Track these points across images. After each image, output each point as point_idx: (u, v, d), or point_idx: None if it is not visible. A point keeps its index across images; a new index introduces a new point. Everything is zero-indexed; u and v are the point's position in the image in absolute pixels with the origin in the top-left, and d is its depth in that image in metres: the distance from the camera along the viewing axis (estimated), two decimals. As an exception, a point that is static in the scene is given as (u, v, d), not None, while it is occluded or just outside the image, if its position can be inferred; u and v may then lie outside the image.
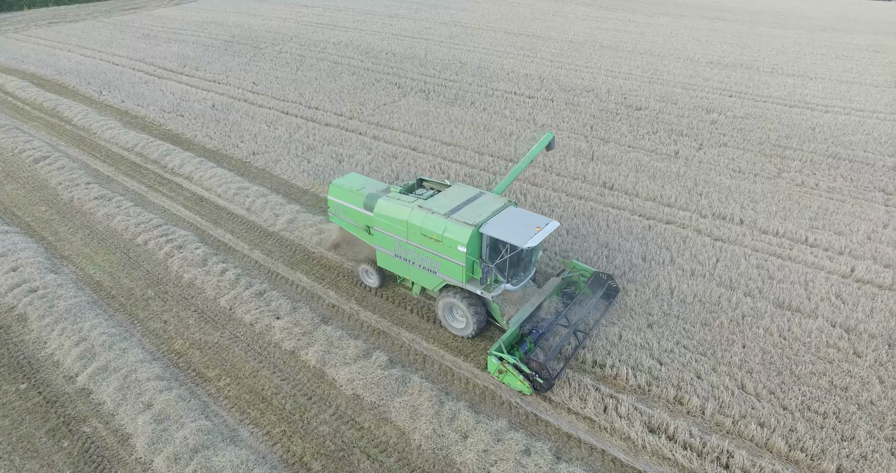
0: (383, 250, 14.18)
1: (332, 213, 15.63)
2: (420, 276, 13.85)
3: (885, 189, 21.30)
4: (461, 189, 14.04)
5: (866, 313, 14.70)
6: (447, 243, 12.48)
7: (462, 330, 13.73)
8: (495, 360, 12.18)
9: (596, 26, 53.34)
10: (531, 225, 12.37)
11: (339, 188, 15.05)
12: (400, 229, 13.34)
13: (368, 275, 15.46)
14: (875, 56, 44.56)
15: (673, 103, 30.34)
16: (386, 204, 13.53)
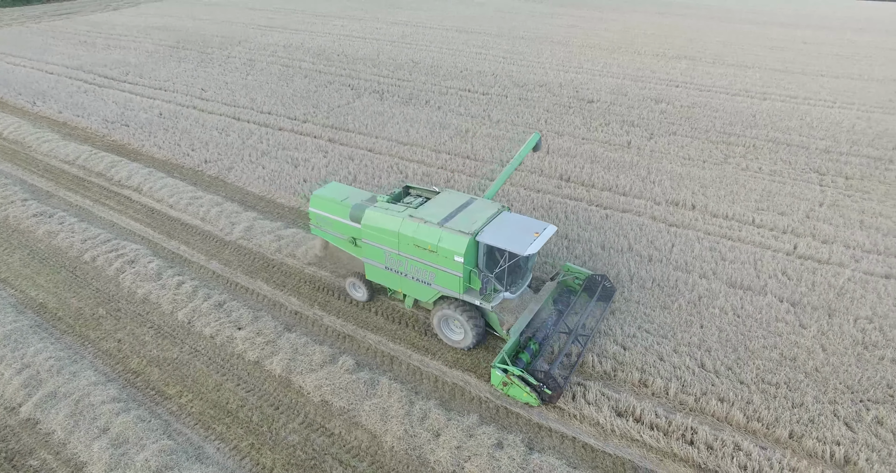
0: (372, 263, 13.57)
1: (314, 225, 14.94)
2: (413, 288, 13.29)
3: (819, 170, 22.47)
4: (451, 196, 13.51)
5: (809, 286, 15.46)
6: (442, 253, 11.96)
7: (460, 342, 13.22)
8: (499, 372, 11.76)
9: (546, 22, 54.19)
10: (529, 231, 11.99)
11: (321, 199, 14.36)
12: (390, 240, 12.75)
13: (356, 289, 14.83)
14: (805, 47, 46.91)
15: (623, 95, 31.11)
16: (374, 215, 12.93)
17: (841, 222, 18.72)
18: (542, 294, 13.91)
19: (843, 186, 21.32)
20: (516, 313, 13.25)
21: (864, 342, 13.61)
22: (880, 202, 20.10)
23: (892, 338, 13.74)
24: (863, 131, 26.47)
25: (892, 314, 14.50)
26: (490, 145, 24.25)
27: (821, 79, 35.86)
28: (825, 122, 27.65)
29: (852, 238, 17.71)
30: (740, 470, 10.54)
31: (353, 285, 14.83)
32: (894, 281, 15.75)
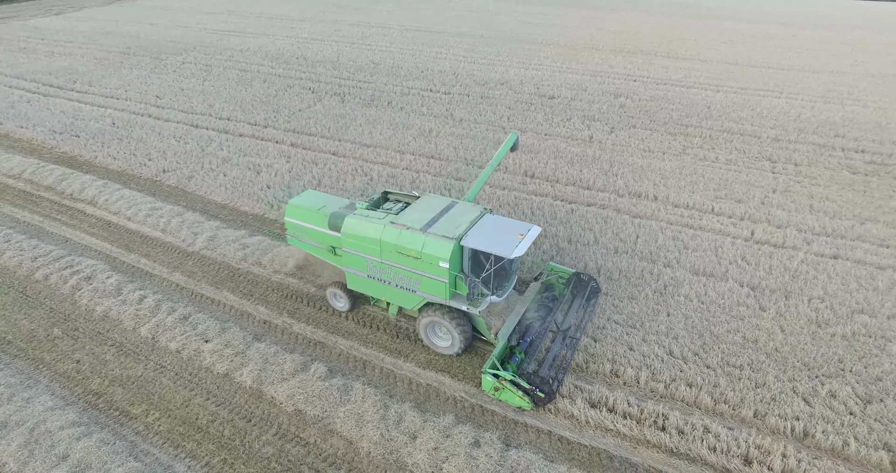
0: (354, 272, 13.25)
1: (290, 236, 14.52)
2: (397, 296, 13.05)
3: (771, 158, 23.36)
4: (432, 200, 13.30)
5: (766, 270, 16.04)
6: (427, 259, 11.77)
7: (447, 349, 13.00)
8: (490, 378, 11.67)
9: (506, 20, 54.61)
10: (513, 233, 11.88)
11: (296, 209, 13.96)
12: (372, 248, 12.50)
13: (337, 299, 14.44)
14: (754, 41, 48.62)
15: (583, 90, 31.62)
16: (354, 223, 12.64)
17: (793, 206, 19.48)
18: (528, 295, 13.82)
19: (793, 172, 22.19)
20: (503, 316, 13.11)
21: (817, 321, 14.20)
22: (826, 187, 21.02)
23: (842, 315, 14.39)
24: (808, 120, 27.60)
25: (841, 293, 15.18)
26: (454, 144, 24.29)
27: (768, 71, 37.23)
28: (774, 112, 28.72)
29: (803, 222, 18.46)
30: (710, 452, 10.85)
31: (334, 295, 14.44)
32: (841, 261, 16.50)
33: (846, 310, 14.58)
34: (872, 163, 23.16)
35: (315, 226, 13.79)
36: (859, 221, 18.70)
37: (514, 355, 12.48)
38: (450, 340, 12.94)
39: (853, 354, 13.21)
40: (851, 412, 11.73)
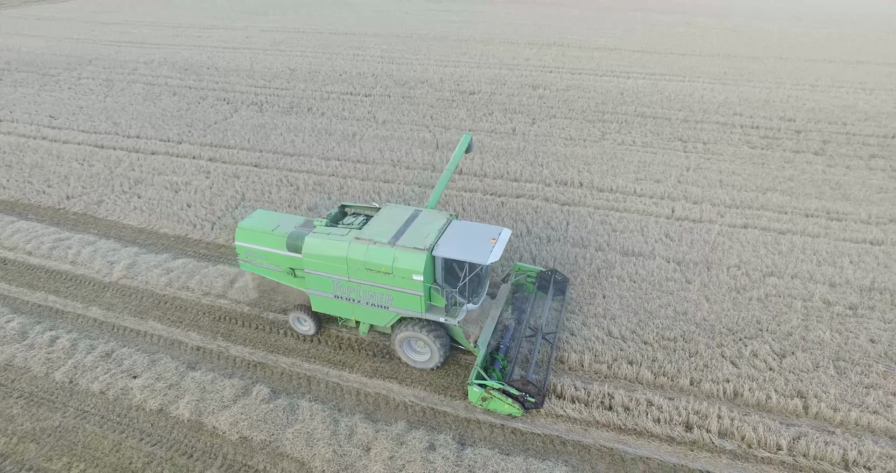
0: (319, 294, 12.56)
1: (243, 260, 13.56)
2: (368, 314, 12.47)
3: (682, 138, 24.83)
4: (394, 210, 12.83)
5: (689, 245, 17.02)
6: (399, 273, 11.31)
7: (426, 363, 12.56)
8: (477, 388, 11.42)
9: (420, 19, 54.65)
10: (484, 238, 11.63)
11: (248, 232, 13.06)
12: (338, 267, 11.86)
13: (301, 323, 13.71)
14: (654, 29, 51.44)
15: (503, 84, 32.20)
16: (316, 242, 11.95)
17: (705, 183, 20.79)
18: (500, 299, 13.61)
19: (702, 150, 23.69)
20: (479, 322, 12.77)
21: (735, 288, 15.23)
22: (731, 162, 22.62)
23: (756, 280, 15.53)
24: (709, 101, 29.56)
25: (753, 259, 16.37)
26: (379, 147, 24.03)
27: (671, 57, 39.52)
28: (680, 94, 30.53)
29: (716, 196, 19.73)
30: (655, 424, 11.36)
31: (298, 319, 13.68)
32: (750, 230, 17.81)
33: (759, 274, 15.73)
34: (766, 137, 25.14)
35: (271, 248, 12.92)
36: (761, 191, 20.24)
37: (496, 361, 12.34)
38: (428, 354, 12.48)
39: (768, 314, 14.28)
40: (771, 368, 12.69)
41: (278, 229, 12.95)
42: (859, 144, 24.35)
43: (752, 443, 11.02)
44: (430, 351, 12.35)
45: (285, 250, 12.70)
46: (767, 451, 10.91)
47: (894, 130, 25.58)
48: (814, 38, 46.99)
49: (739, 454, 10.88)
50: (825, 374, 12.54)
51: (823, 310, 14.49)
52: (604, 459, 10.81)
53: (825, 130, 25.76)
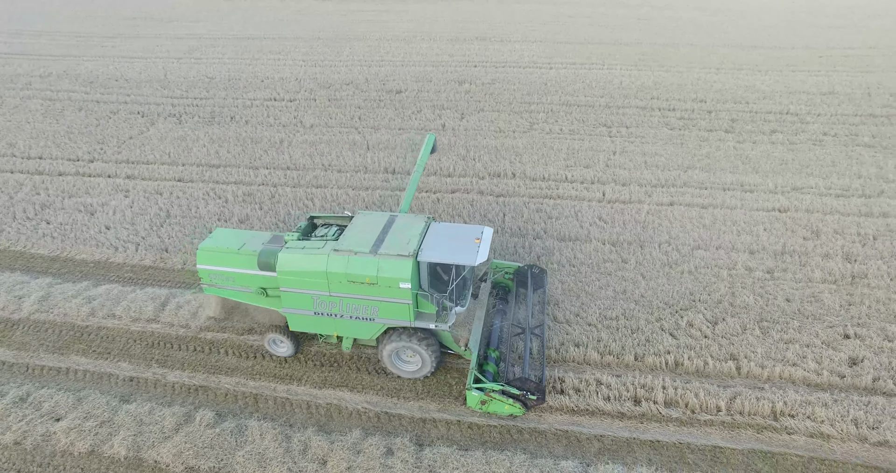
0: (296, 312, 11.89)
1: (206, 284, 12.64)
2: (352, 328, 11.98)
3: (606, 124, 25.81)
4: (368, 217, 12.34)
5: (621, 226, 17.71)
6: (384, 283, 10.90)
7: (417, 372, 12.24)
8: (476, 393, 11.22)
9: (340, 20, 53.72)
10: (468, 238, 11.37)
11: (211, 253, 12.21)
12: (317, 282, 11.28)
13: (278, 344, 13.00)
14: (571, 21, 53.15)
15: (428, 81, 32.22)
16: (291, 258, 11.28)
17: (631, 165, 21.69)
18: (483, 298, 13.38)
19: (626, 134, 24.70)
20: (466, 325, 12.43)
21: (668, 263, 16.00)
22: (653, 144, 23.74)
23: (685, 254, 16.38)
24: (628, 86, 30.88)
25: (681, 235, 17.25)
26: (308, 152, 23.43)
27: (589, 46, 40.96)
28: (600, 82, 31.69)
29: (642, 177, 20.63)
30: (605, 402, 11.73)
31: (274, 341, 12.95)
32: (676, 207, 18.78)
33: (687, 248, 16.58)
34: (682, 118, 26.58)
35: (238, 269, 12.11)
36: (682, 170, 21.36)
37: (488, 362, 12.19)
38: (419, 363, 12.14)
39: (698, 285, 15.09)
40: (705, 336, 13.42)
41: (245, 248, 12.20)
42: (762, 121, 26.20)
43: (695, 409, 11.61)
44: (422, 360, 12.00)
45: (256, 270, 11.90)
46: (709, 414, 11.53)
47: (787, 107, 27.74)
48: (715, 25, 50.10)
49: (685, 420, 11.43)
50: (752, 335, 13.40)
51: (746, 276, 15.48)
52: (560, 442, 11.05)
53: (732, 110, 27.52)
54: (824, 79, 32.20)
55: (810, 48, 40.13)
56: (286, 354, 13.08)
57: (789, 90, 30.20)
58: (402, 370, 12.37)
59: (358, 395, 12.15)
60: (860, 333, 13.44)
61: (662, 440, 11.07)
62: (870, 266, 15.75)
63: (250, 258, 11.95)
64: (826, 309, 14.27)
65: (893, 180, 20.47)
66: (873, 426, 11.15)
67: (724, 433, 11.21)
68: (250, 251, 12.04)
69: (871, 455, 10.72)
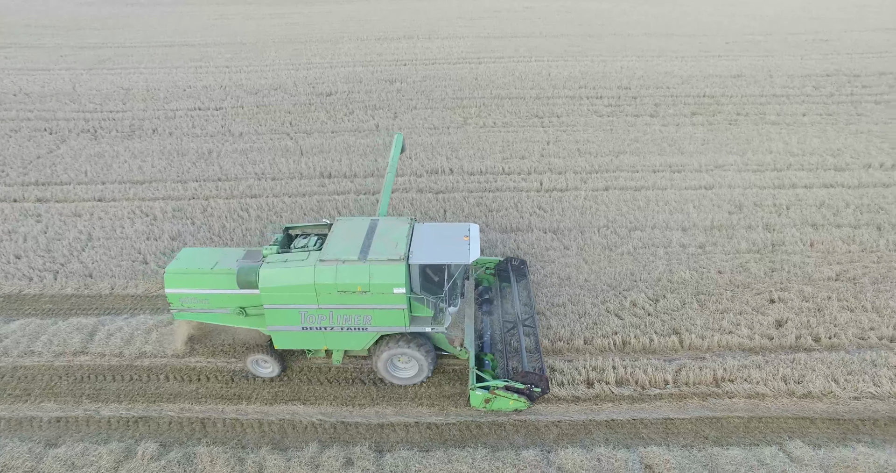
0: (283, 329, 11.37)
1: (177, 309, 11.86)
2: (343, 340, 11.59)
3: (538, 115, 26.35)
4: (349, 224, 11.99)
5: (560, 213, 18.12)
6: (377, 289, 10.61)
7: (414, 378, 11.96)
8: (480, 392, 11.04)
9: (263, 23, 51.98)
10: (455, 237, 11.24)
11: (181, 276, 11.45)
12: (305, 295, 10.82)
13: (262, 365, 12.35)
14: (497, 16, 53.91)
15: (359, 82, 31.75)
16: (273, 273, 10.75)
17: (565, 153, 22.22)
18: (469, 296, 13.18)
19: (557, 124, 25.30)
20: (458, 324, 12.25)
21: (608, 246, 16.49)
22: (584, 131, 24.46)
23: (623, 236, 16.96)
24: (556, 77, 31.65)
25: (618, 218, 17.85)
26: (240, 161, 22.52)
27: (516, 40, 41.67)
28: (529, 74, 32.31)
29: (577, 165, 21.19)
30: (560, 387, 11.93)
31: (258, 362, 12.27)
32: (611, 191, 19.42)
33: (625, 230, 17.17)
34: (610, 105, 27.52)
35: (214, 289, 11.47)
36: (614, 155, 22.10)
37: (485, 360, 12.09)
38: (415, 368, 11.89)
39: (638, 265, 15.65)
40: (649, 313, 13.92)
41: (218, 267, 11.51)
42: (682, 105, 27.54)
43: (644, 385, 12.00)
44: (418, 365, 11.78)
45: (234, 289, 11.28)
46: (658, 388, 11.96)
47: (703, 90, 29.30)
48: (634, 15, 52.22)
49: (636, 397, 11.79)
50: (691, 309, 14.03)
51: (681, 253, 16.19)
52: (519, 432, 11.13)
53: (655, 95, 28.76)
54: (732, 63, 34.25)
55: (718, 35, 42.58)
56: (271, 374, 12.46)
57: (704, 74, 31.90)
58: (399, 377, 12.07)
59: (311, 407, 11.77)
60: (783, 296, 14.37)
61: (617, 418, 11.37)
62: (786, 234, 16.88)
63: (226, 277, 11.32)
64: (753, 277, 15.15)
65: (798, 154, 22.04)
66: (798, 380, 11.98)
67: (672, 404, 11.66)
68: (225, 270, 11.41)
69: (798, 407, 11.53)
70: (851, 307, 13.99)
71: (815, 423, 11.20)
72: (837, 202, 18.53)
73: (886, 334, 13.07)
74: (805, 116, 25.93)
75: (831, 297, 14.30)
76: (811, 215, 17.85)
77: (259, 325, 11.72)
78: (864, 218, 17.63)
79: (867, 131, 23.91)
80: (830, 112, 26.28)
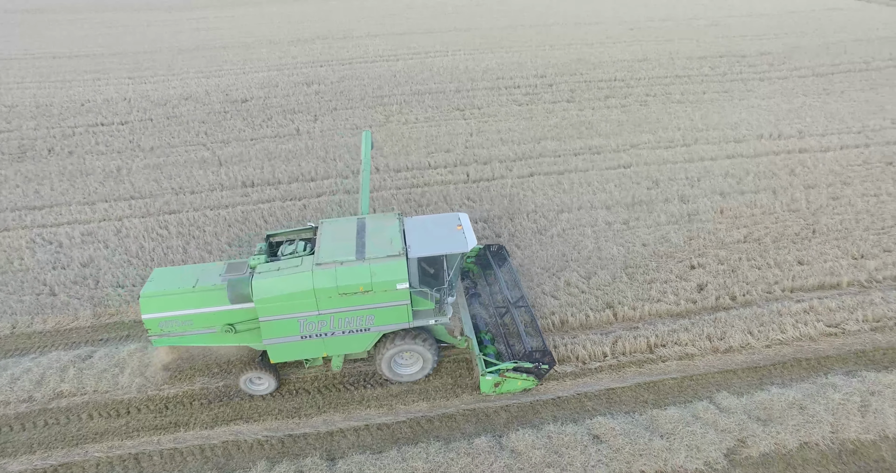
0: (280, 341, 10.95)
1: (157, 335, 11.01)
2: (344, 345, 11.35)
3: (459, 107, 26.60)
4: (336, 225, 11.77)
5: (489, 202, 18.42)
6: (380, 287, 10.50)
7: (419, 373, 11.97)
8: (490, 377, 11.29)
9: (167, 30, 49.03)
10: (448, 227, 11.35)
11: (158, 298, 10.71)
12: (304, 302, 10.51)
13: (257, 383, 11.85)
14: (410, 12, 53.80)
15: (275, 86, 30.71)
16: (269, 283, 10.35)
17: (488, 143, 22.56)
18: (459, 285, 13.10)
19: (479, 115, 25.63)
20: (454, 314, 12.30)
21: (538, 230, 16.92)
22: (505, 121, 24.94)
23: (551, 219, 17.47)
24: (474, 70, 32.04)
25: (546, 202, 18.36)
26: (153, 177, 21.18)
27: (431, 35, 41.77)
28: (447, 68, 32.51)
29: (501, 154, 21.58)
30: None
31: (252, 380, 11.80)
32: (536, 177, 19.95)
33: (553, 214, 17.68)
34: (528, 94, 28.21)
35: (199, 309, 10.84)
36: (536, 141, 22.69)
37: (485, 340, 12.45)
38: (419, 363, 11.89)
39: (568, 246, 16.16)
40: (583, 291, 14.42)
41: (201, 284, 10.94)
42: (596, 89, 28.68)
43: (585, 360, 12.45)
44: (423, 359, 11.80)
45: (223, 305, 10.76)
46: (598, 361, 12.45)
47: (614, 74, 30.67)
48: (539, 8, 53.73)
49: (578, 372, 12.20)
50: (621, 282, 14.67)
51: (607, 230, 16.88)
52: (469, 421, 11.22)
53: (569, 81, 29.77)
54: (638, 48, 36.04)
55: (623, 22, 44.68)
56: (268, 390, 11.99)
57: (613, 59, 33.36)
58: (403, 374, 12.01)
59: (255, 424, 11.31)
60: (701, 262, 15.34)
61: (562, 395, 11.72)
62: (699, 204, 18.01)
63: (212, 294, 10.79)
64: (674, 247, 16.05)
65: (703, 129, 23.57)
66: (721, 337, 12.88)
67: (612, 375, 12.16)
68: (209, 287, 10.88)
69: (722, 362, 12.43)
70: (759, 266, 15.15)
71: (737, 374, 12.09)
72: (739, 171, 19.98)
73: (787, 285, 14.35)
74: (705, 94, 27.73)
75: (741, 258, 15.42)
76: (719, 185, 19.14)
77: (250, 341, 11.32)
78: (762, 184, 19.13)
79: (756, 106, 25.93)
80: (726, 89, 28.26)
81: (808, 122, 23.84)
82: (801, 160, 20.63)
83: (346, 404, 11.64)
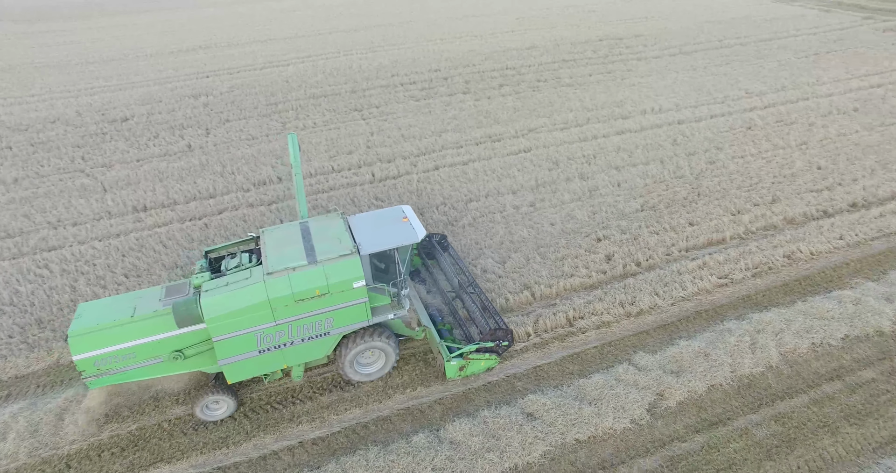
0: (236, 359, 10.47)
1: (93, 376, 10.18)
2: (304, 353, 11.05)
3: (357, 108, 26.23)
4: (279, 232, 11.45)
5: (397, 199, 18.40)
6: (337, 288, 10.33)
7: (382, 370, 11.85)
8: (454, 361, 11.46)
9: (17, 46, 43.94)
10: (394, 220, 11.52)
11: (92, 335, 9.89)
12: (259, 315, 10.13)
13: (215, 407, 11.12)
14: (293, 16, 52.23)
15: (158, 101, 28.58)
16: (219, 300, 9.85)
17: (391, 141, 22.44)
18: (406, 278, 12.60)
19: (378, 114, 25.40)
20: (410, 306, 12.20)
21: (449, 221, 17.16)
22: (405, 117, 24.93)
23: (461, 209, 17.81)
24: (367, 69, 31.71)
25: (454, 194, 18.62)
26: (22, 212, 18.94)
27: (320, 37, 40.79)
28: (340, 69, 31.92)
29: (404, 150, 21.55)
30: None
31: (208, 406, 11.06)
32: (441, 169, 20.16)
33: (461, 204, 17.94)
34: (424, 89, 28.37)
35: (141, 339, 10.13)
36: (437, 135, 22.89)
37: (443, 331, 12.47)
38: (382, 359, 11.81)
39: (480, 233, 16.49)
40: (500, 276, 14.79)
41: (139, 313, 10.24)
42: (490, 79, 29.40)
43: (509, 342, 12.74)
44: (385, 355, 11.73)
45: (169, 331, 10.15)
46: (523, 342, 12.80)
47: (505, 63, 31.64)
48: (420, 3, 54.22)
49: (505, 355, 12.47)
50: (535, 263, 15.19)
51: (515, 214, 17.40)
52: (405, 420, 11.17)
53: (464, 73, 30.28)
54: (525, 36, 37.38)
55: (507, 13, 46.13)
56: (227, 413, 11.28)
57: (503, 49, 34.35)
58: (367, 373, 11.86)
59: (179, 464, 10.54)
60: (606, 234, 16.25)
61: (492, 380, 11.95)
62: (598, 180, 19.05)
63: (155, 321, 10.18)
64: (580, 223, 16.86)
65: (592, 109, 24.93)
66: (632, 302, 13.76)
67: (538, 353, 12.59)
68: (150, 314, 10.24)
69: (635, 325, 13.30)
70: (657, 231, 16.32)
71: (650, 333, 12.97)
72: (629, 145, 21.35)
73: (683, 246, 15.60)
74: (591, 76, 29.31)
75: (641, 226, 16.52)
76: (613, 160, 20.34)
77: (202, 365, 10.68)
78: (651, 155, 20.58)
79: (637, 84, 27.83)
80: (609, 71, 30.06)
81: (681, 95, 25.92)
82: (681, 131, 22.41)
83: (276, 424, 11.16)
